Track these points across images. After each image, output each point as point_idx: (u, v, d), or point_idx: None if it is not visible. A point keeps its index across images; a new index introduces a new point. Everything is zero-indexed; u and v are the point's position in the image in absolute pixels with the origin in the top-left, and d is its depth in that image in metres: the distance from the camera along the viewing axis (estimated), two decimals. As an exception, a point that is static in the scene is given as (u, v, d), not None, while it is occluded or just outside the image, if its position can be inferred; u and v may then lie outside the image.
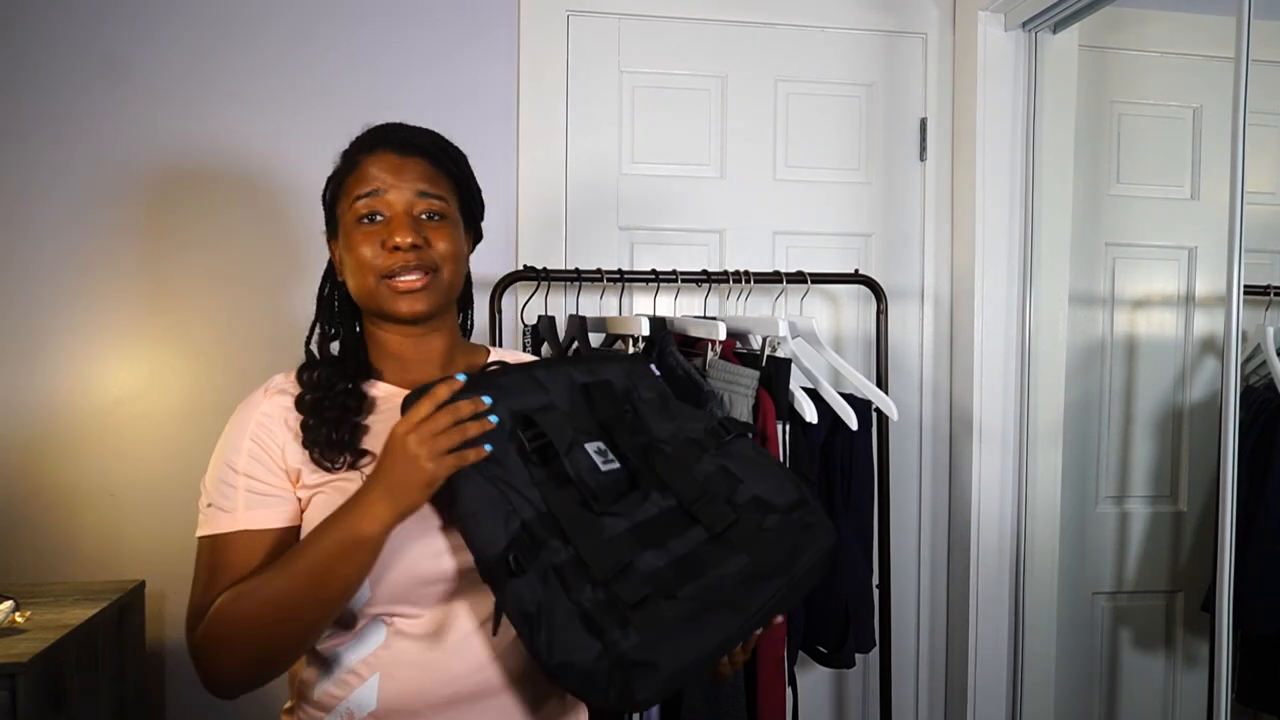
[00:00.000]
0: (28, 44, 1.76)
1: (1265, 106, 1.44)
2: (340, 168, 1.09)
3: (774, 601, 0.94)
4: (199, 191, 1.83)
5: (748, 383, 1.51)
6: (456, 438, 0.89)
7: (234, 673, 0.94)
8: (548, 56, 1.92)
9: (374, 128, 1.09)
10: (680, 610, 0.89)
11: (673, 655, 0.86)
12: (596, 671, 0.84)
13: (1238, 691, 1.78)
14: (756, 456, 1.08)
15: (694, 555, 0.95)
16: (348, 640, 0.98)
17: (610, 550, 0.92)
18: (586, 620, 0.86)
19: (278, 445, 1.01)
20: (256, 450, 1.01)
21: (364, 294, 1.04)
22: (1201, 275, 2.03)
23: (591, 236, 1.96)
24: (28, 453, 1.78)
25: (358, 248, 1.03)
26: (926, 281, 2.08)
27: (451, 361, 1.12)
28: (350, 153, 1.09)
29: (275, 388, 1.06)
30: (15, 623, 1.47)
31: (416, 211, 1.04)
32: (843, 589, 1.64)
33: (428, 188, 1.05)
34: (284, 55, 1.85)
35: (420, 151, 1.06)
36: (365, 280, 1.03)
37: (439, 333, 1.10)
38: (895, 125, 2.06)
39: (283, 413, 1.03)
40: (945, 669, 2.09)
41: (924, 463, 2.09)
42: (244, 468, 1.00)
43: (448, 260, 1.05)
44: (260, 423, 1.02)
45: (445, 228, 1.05)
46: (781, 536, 0.99)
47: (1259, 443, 1.75)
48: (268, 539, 0.98)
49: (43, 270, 1.78)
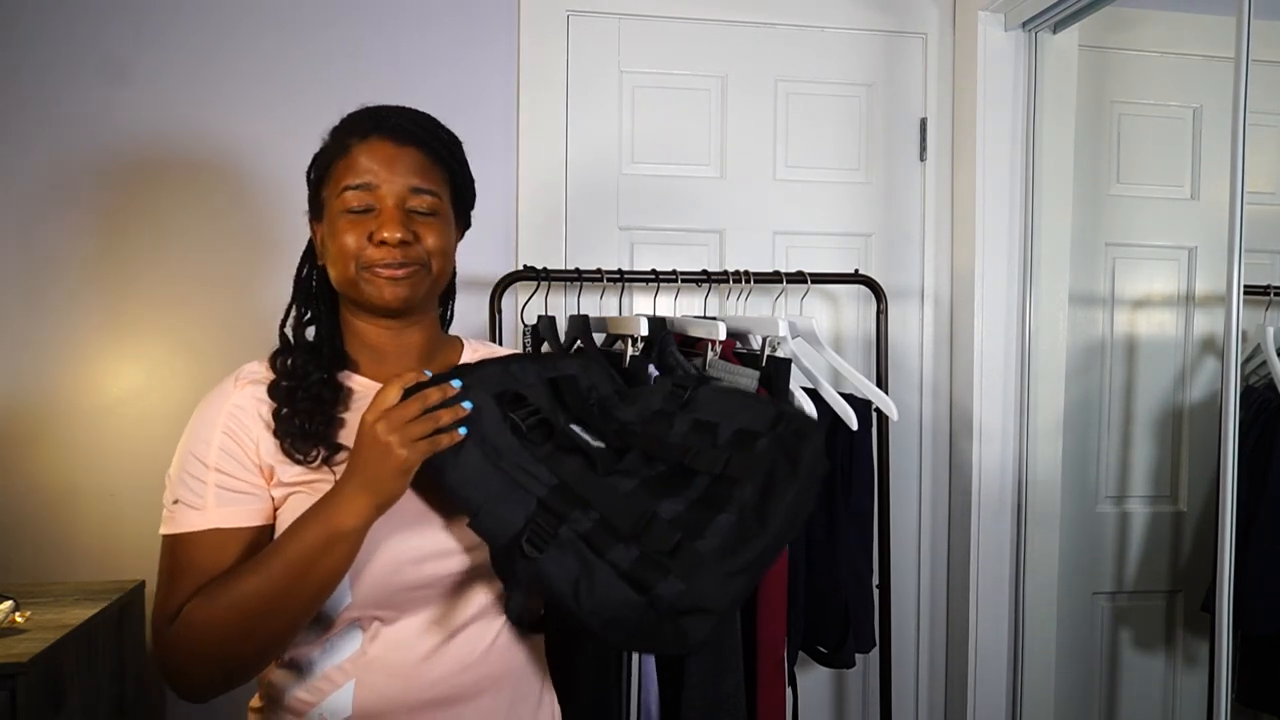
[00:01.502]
0: (27, 42, 1.76)
1: (1265, 106, 1.44)
2: (329, 147, 1.04)
3: (791, 512, 0.96)
4: (200, 192, 1.83)
5: (748, 383, 1.51)
6: (428, 424, 0.87)
7: (205, 676, 0.91)
8: (548, 56, 1.92)
9: (368, 109, 1.05)
10: (712, 546, 0.91)
11: (718, 593, 0.88)
12: (646, 624, 0.86)
13: (1238, 691, 1.78)
14: (721, 397, 1.10)
15: (707, 496, 0.97)
16: (321, 645, 0.96)
17: (632, 503, 0.93)
18: (628, 579, 0.88)
19: (251, 439, 0.97)
20: (229, 444, 0.96)
21: (345, 281, 1.01)
22: (1201, 275, 2.03)
23: (591, 236, 1.96)
24: (27, 452, 1.78)
25: (342, 235, 0.99)
26: (926, 281, 2.08)
27: (430, 356, 1.09)
28: (341, 134, 1.04)
29: (247, 377, 1.02)
30: (15, 623, 1.47)
31: (408, 206, 1.00)
32: (842, 589, 1.64)
33: (420, 182, 1.01)
34: (285, 56, 1.84)
35: (415, 141, 1.02)
36: (347, 268, 1.00)
37: (418, 325, 1.08)
38: (895, 125, 2.06)
39: (255, 404, 0.99)
40: (945, 669, 2.09)
41: (924, 463, 2.09)
42: (215, 462, 0.95)
43: (436, 255, 1.02)
44: (232, 414, 0.98)
45: (435, 223, 1.02)
46: (776, 453, 1.01)
47: (1259, 443, 1.75)
48: (239, 538, 0.95)
49: (43, 270, 1.78)
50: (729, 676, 1.41)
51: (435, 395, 0.90)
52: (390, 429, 0.86)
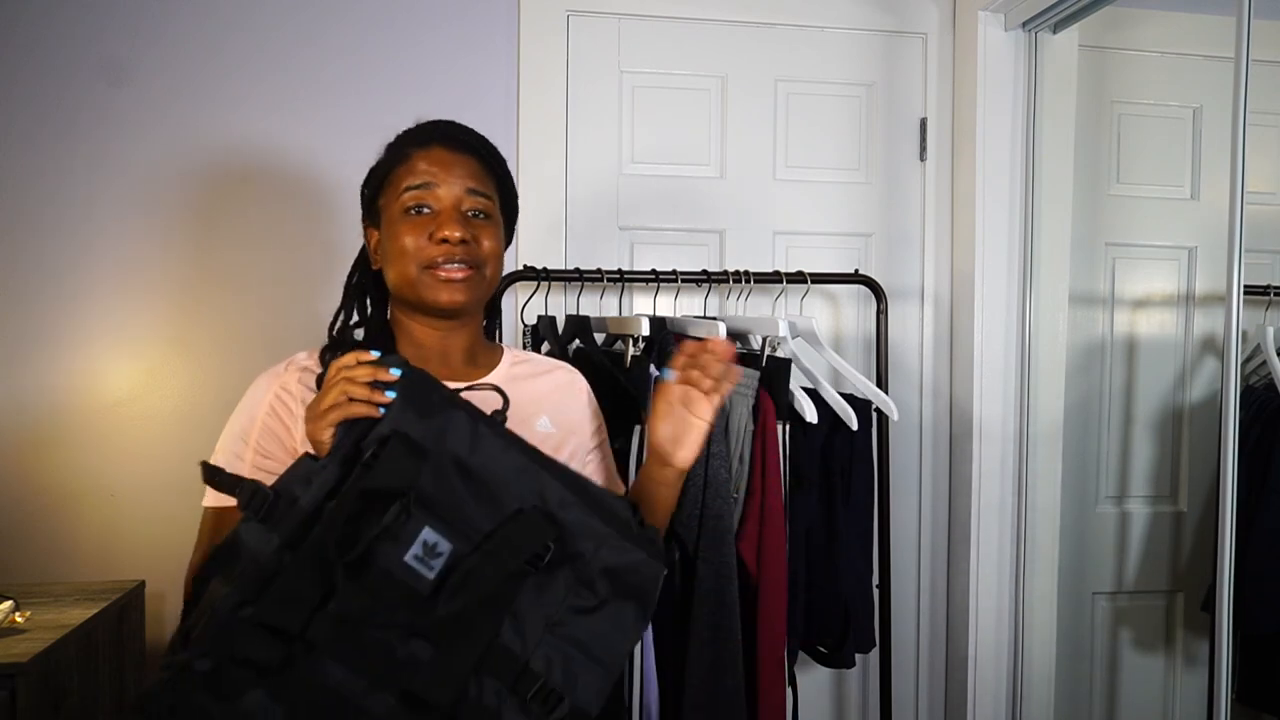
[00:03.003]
0: (31, 44, 1.76)
1: (1265, 106, 1.44)
2: (387, 159, 1.09)
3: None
4: (201, 193, 1.83)
5: (749, 383, 1.51)
6: (334, 392, 0.86)
7: None
8: (548, 56, 1.92)
9: (426, 123, 1.11)
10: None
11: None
12: None
13: (1238, 691, 1.78)
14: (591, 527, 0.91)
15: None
16: None
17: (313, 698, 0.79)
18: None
19: (293, 422, 1.01)
20: (272, 423, 1.01)
21: (404, 282, 1.04)
22: (1201, 275, 2.03)
23: (592, 236, 1.96)
24: (28, 453, 1.78)
25: (402, 237, 1.03)
26: (926, 281, 2.08)
27: (473, 359, 1.13)
28: (399, 145, 1.09)
29: (299, 364, 1.06)
30: (15, 623, 1.47)
31: (465, 208, 1.05)
32: (842, 589, 1.64)
33: (476, 185, 1.06)
34: (286, 56, 1.84)
35: (471, 150, 1.08)
36: (407, 269, 1.03)
37: (465, 330, 1.11)
38: (895, 125, 2.06)
39: (302, 391, 1.02)
40: (945, 669, 2.09)
41: (924, 463, 2.09)
42: (256, 441, 1.00)
43: (491, 258, 1.07)
44: (279, 396, 1.02)
45: (490, 226, 1.07)
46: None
47: (1259, 443, 1.75)
48: None
49: (43, 270, 1.78)
50: (729, 676, 1.41)
51: (364, 371, 0.87)
52: (309, 409, 0.89)
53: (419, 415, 0.87)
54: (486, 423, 0.90)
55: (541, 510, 0.89)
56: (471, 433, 0.88)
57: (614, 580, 0.90)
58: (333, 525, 0.80)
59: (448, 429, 0.87)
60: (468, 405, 0.90)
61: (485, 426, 0.89)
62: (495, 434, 0.90)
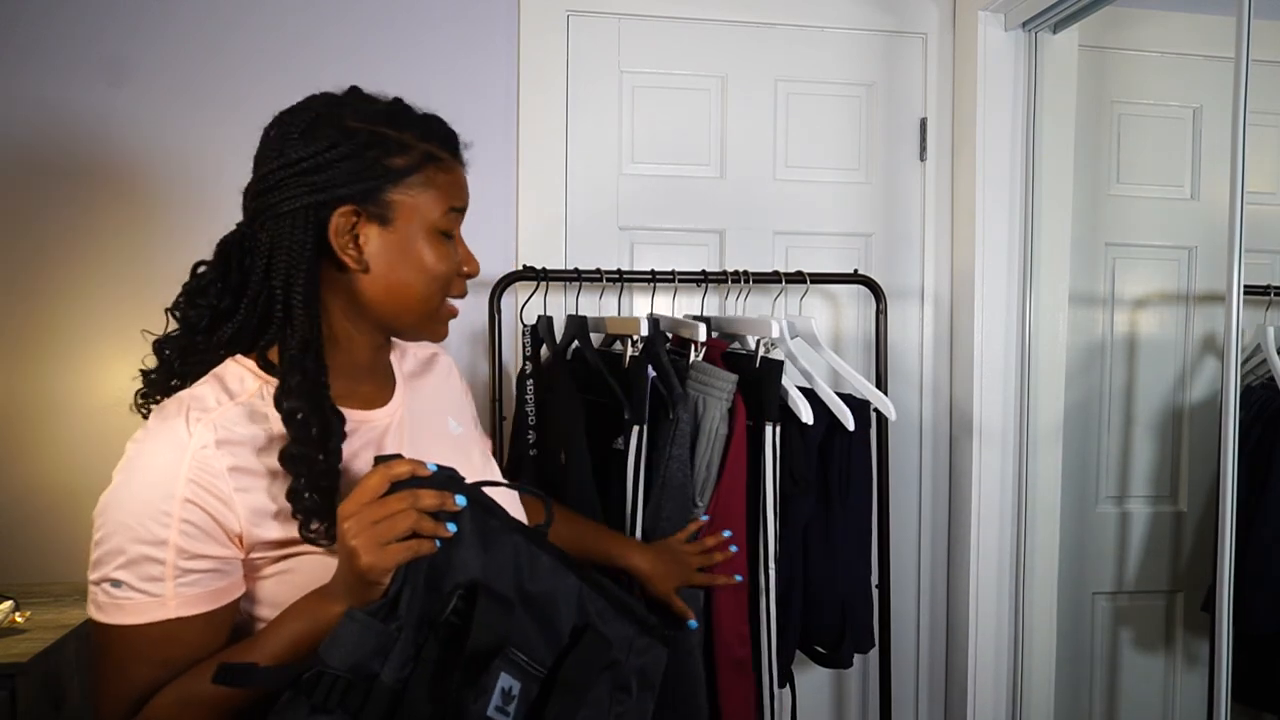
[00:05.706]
0: (31, 44, 1.76)
1: (1265, 106, 1.44)
2: (425, 155, 0.94)
3: None
4: (201, 193, 1.82)
5: (725, 386, 1.50)
6: (404, 523, 0.73)
7: None
8: (548, 56, 1.92)
9: (445, 123, 1.01)
10: None
11: None
12: None
13: (1237, 691, 1.78)
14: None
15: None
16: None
17: None
18: None
19: (221, 501, 0.81)
20: (195, 514, 0.80)
21: (414, 305, 0.92)
22: (1201, 275, 2.03)
23: (591, 236, 1.96)
24: (28, 453, 1.79)
25: (433, 259, 0.92)
26: (926, 281, 2.08)
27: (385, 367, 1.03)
28: (431, 138, 0.96)
29: (202, 412, 0.83)
30: (15, 623, 1.47)
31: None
32: (839, 589, 1.64)
33: None
34: (286, 56, 1.84)
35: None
36: (430, 294, 0.93)
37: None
38: (895, 125, 2.06)
39: (221, 454, 0.81)
40: (945, 669, 2.09)
41: (924, 463, 2.09)
42: (176, 540, 0.79)
43: None
44: (194, 477, 0.80)
45: None
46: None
47: (1259, 443, 1.75)
48: (206, 620, 0.81)
49: (43, 270, 1.78)
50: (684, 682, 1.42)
51: (431, 500, 0.76)
52: (359, 529, 0.74)
53: (483, 548, 0.81)
54: (538, 543, 0.87)
55: (594, 630, 0.88)
56: (530, 558, 0.85)
57: (640, 678, 0.93)
58: (423, 699, 0.74)
59: (510, 560, 0.83)
60: (521, 527, 0.86)
61: (538, 547, 0.87)
62: (545, 553, 0.87)
